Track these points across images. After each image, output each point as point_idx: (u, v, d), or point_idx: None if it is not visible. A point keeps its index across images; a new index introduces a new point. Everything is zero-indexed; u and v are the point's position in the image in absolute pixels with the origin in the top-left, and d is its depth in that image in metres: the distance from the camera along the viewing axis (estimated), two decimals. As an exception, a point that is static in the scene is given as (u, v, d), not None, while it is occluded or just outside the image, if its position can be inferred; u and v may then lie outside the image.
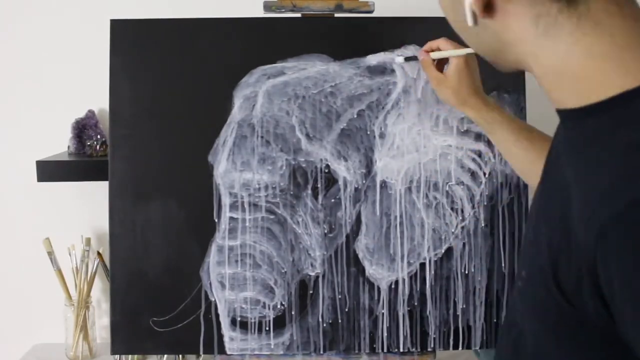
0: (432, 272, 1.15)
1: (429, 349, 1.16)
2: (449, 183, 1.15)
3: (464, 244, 1.15)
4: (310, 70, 1.15)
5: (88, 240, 1.44)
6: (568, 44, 0.60)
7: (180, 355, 1.40)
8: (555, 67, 0.62)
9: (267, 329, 1.15)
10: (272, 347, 1.15)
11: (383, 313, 1.15)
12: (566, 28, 0.60)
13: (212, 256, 1.14)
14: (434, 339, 1.16)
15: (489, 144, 1.15)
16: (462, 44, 0.86)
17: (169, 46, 1.15)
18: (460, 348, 1.17)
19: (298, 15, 1.18)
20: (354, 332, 1.15)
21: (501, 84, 1.16)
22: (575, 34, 0.60)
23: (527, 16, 0.61)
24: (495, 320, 1.16)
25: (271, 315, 1.15)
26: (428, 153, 1.15)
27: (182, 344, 1.15)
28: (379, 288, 1.15)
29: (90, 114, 1.45)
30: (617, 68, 0.58)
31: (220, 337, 1.15)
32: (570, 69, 0.61)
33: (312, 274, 1.15)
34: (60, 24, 1.46)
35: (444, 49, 1.04)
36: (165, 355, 1.38)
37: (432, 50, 1.05)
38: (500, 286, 1.16)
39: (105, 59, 1.14)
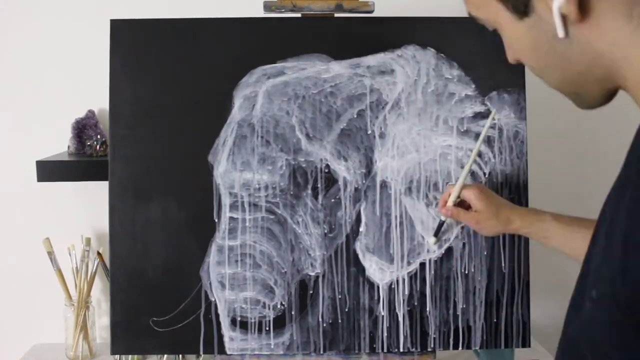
0: (432, 272, 1.15)
1: (429, 349, 1.16)
2: (449, 183, 1.15)
3: (464, 244, 1.15)
4: (310, 70, 1.15)
5: (88, 240, 1.44)
6: None
7: (180, 355, 1.40)
8: None
9: (267, 329, 1.15)
10: (272, 347, 1.15)
11: (383, 313, 1.15)
12: None
13: (212, 256, 1.14)
14: (434, 339, 1.16)
15: (489, 143, 1.15)
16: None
17: (169, 46, 1.15)
18: (460, 348, 1.17)
19: (298, 15, 1.18)
20: (354, 332, 1.15)
21: (501, 84, 1.16)
22: None
23: (622, 9, 0.55)
24: (495, 320, 1.16)
25: (271, 315, 1.15)
26: (428, 153, 1.15)
27: (182, 344, 1.15)
28: (379, 288, 1.15)
29: (90, 114, 1.45)
30: None
31: (220, 337, 1.15)
32: None
33: (312, 274, 1.15)
34: (60, 24, 1.46)
35: (450, 190, 1.07)
36: (165, 355, 1.38)
37: (446, 202, 1.07)
38: (500, 286, 1.16)
39: (105, 59, 1.14)
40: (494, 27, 0.66)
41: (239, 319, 1.15)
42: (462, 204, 1.07)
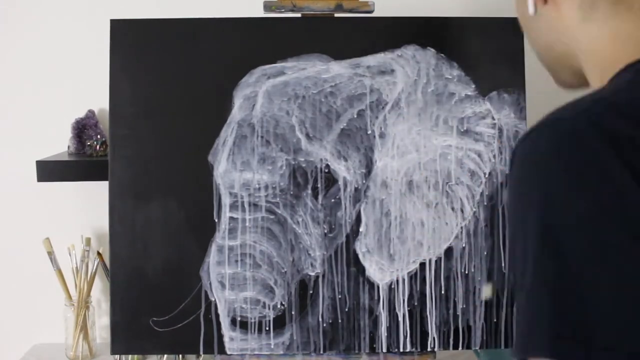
0: (432, 272, 1.15)
1: (429, 349, 1.16)
2: (449, 183, 1.15)
3: (464, 244, 1.15)
4: (310, 70, 1.15)
5: (88, 240, 1.44)
6: (600, 24, 0.64)
7: (180, 355, 1.40)
8: (591, 50, 0.65)
9: (267, 329, 1.15)
10: (272, 347, 1.15)
11: (383, 313, 1.15)
12: (601, 9, 0.64)
13: (212, 256, 1.14)
14: (434, 339, 1.16)
15: (488, 143, 1.15)
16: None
17: (169, 46, 1.15)
18: (460, 348, 1.17)
19: (298, 15, 1.18)
20: (354, 332, 1.15)
21: (501, 84, 1.16)
22: (608, 14, 0.64)
23: (575, 1, 0.66)
24: (495, 320, 1.16)
25: (271, 315, 1.15)
26: (428, 153, 1.15)
27: (182, 344, 1.15)
28: (379, 288, 1.15)
29: (90, 114, 1.45)
30: (633, 48, 0.61)
31: (220, 337, 1.15)
32: (600, 51, 0.64)
33: (312, 274, 1.15)
34: (61, 24, 1.46)
35: None
36: (165, 355, 1.38)
37: None
38: (500, 286, 1.16)
39: (105, 59, 1.14)
40: None
41: (239, 319, 1.15)
42: None
